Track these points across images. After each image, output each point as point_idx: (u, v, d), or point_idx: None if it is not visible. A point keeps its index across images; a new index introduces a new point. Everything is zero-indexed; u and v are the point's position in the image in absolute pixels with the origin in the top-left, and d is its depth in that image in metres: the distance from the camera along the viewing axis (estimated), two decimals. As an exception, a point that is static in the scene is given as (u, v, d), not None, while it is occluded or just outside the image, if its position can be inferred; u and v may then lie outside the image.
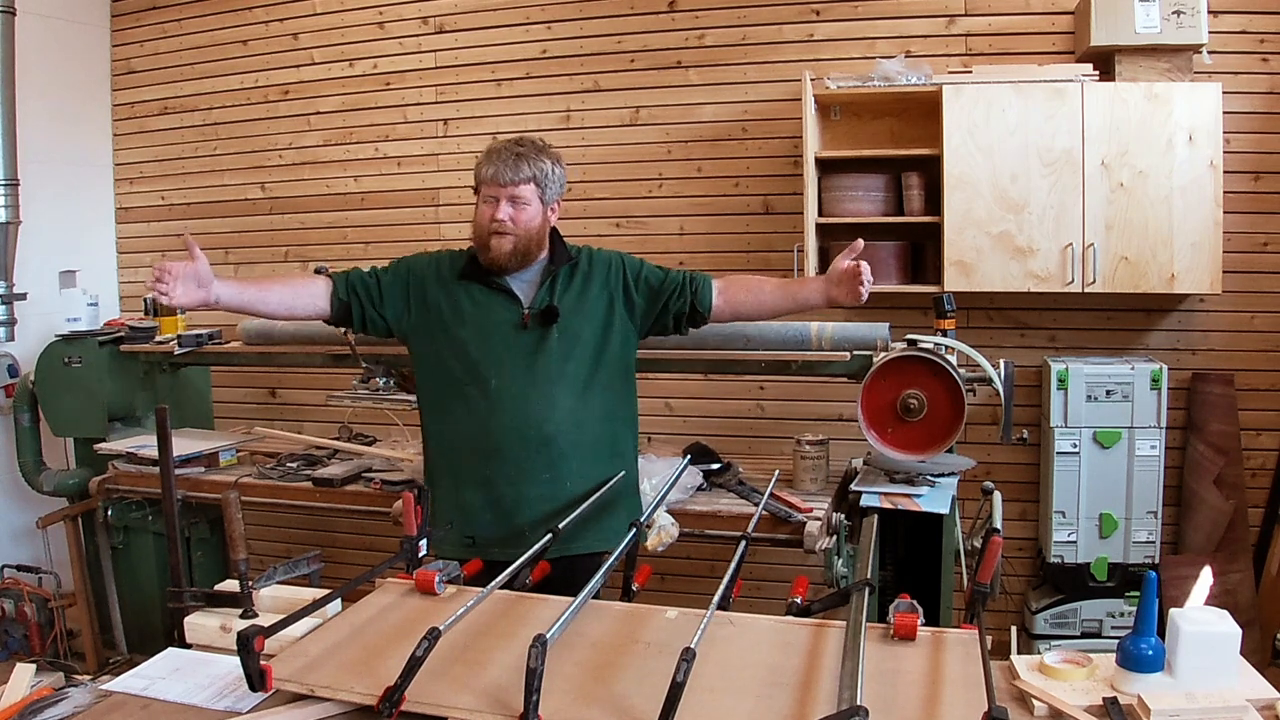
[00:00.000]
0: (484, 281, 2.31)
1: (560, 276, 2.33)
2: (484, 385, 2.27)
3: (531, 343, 2.28)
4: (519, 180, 2.23)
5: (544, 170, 2.27)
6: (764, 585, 3.33)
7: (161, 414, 2.14)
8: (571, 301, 2.32)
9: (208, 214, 4.53)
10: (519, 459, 2.26)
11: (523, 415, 2.26)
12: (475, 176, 2.30)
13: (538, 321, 2.28)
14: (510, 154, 2.24)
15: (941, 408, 2.45)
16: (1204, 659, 1.33)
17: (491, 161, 2.25)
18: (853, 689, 1.26)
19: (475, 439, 2.28)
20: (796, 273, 3.50)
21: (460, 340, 2.29)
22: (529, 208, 2.26)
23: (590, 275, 2.36)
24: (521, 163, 2.24)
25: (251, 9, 4.35)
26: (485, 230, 2.25)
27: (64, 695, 1.46)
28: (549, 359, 2.28)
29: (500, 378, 2.26)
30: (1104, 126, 3.14)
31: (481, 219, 2.27)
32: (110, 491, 3.41)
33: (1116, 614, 3.25)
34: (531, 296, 2.31)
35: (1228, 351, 3.44)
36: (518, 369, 2.27)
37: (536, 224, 2.28)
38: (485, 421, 2.27)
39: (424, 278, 2.36)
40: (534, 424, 2.26)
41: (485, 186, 2.26)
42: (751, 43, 3.76)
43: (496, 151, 2.26)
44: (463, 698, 1.34)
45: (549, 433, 2.26)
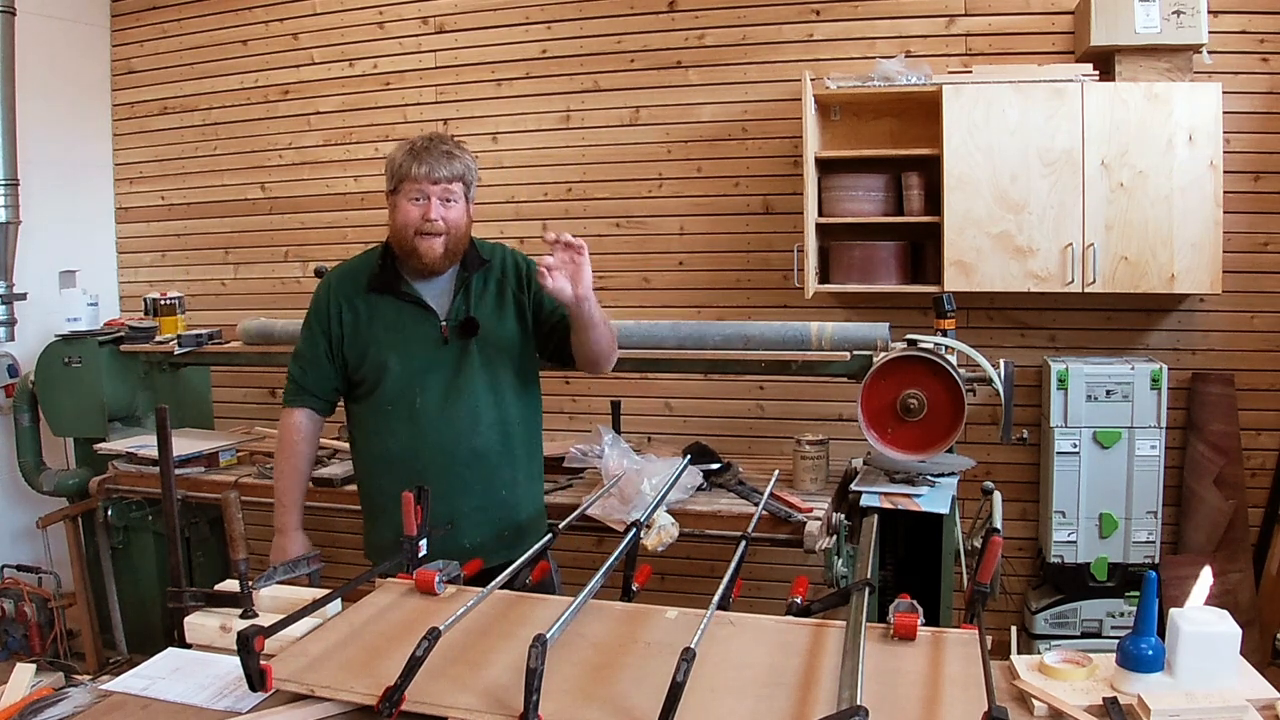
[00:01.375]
0: (394, 293, 2.23)
1: (474, 283, 2.25)
2: (409, 406, 2.22)
3: (452, 358, 2.22)
4: (452, 177, 2.16)
5: (469, 168, 2.21)
6: (764, 585, 3.33)
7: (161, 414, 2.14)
8: (488, 309, 2.25)
9: (208, 214, 4.53)
10: (450, 476, 2.21)
11: (450, 433, 2.22)
12: (394, 174, 2.17)
13: (457, 335, 2.22)
14: (439, 151, 2.16)
15: (941, 408, 2.45)
16: (1204, 659, 1.33)
17: (419, 159, 2.14)
18: (853, 689, 1.25)
19: (404, 460, 2.23)
20: (796, 273, 3.51)
21: (380, 362, 2.23)
22: (457, 205, 2.18)
23: (504, 279, 2.29)
24: (453, 160, 2.17)
25: (251, 9, 4.36)
26: (412, 231, 2.15)
27: (64, 695, 1.46)
28: (471, 373, 2.22)
29: (424, 396, 2.21)
30: (1104, 126, 3.14)
31: (407, 219, 2.15)
32: (110, 491, 3.41)
33: (1116, 614, 3.25)
34: (446, 307, 2.23)
35: (1228, 351, 3.44)
36: (440, 386, 2.21)
37: (465, 223, 2.21)
38: (413, 442, 2.23)
39: (331, 316, 2.27)
40: (462, 440, 2.22)
41: (411, 184, 2.14)
42: (751, 43, 3.76)
43: (423, 149, 2.15)
44: (463, 698, 1.34)
45: (477, 447, 2.23)
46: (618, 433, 2.92)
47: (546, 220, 4.01)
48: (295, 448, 2.36)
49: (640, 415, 3.87)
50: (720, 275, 3.86)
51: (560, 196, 4.02)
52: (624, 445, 2.80)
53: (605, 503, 2.54)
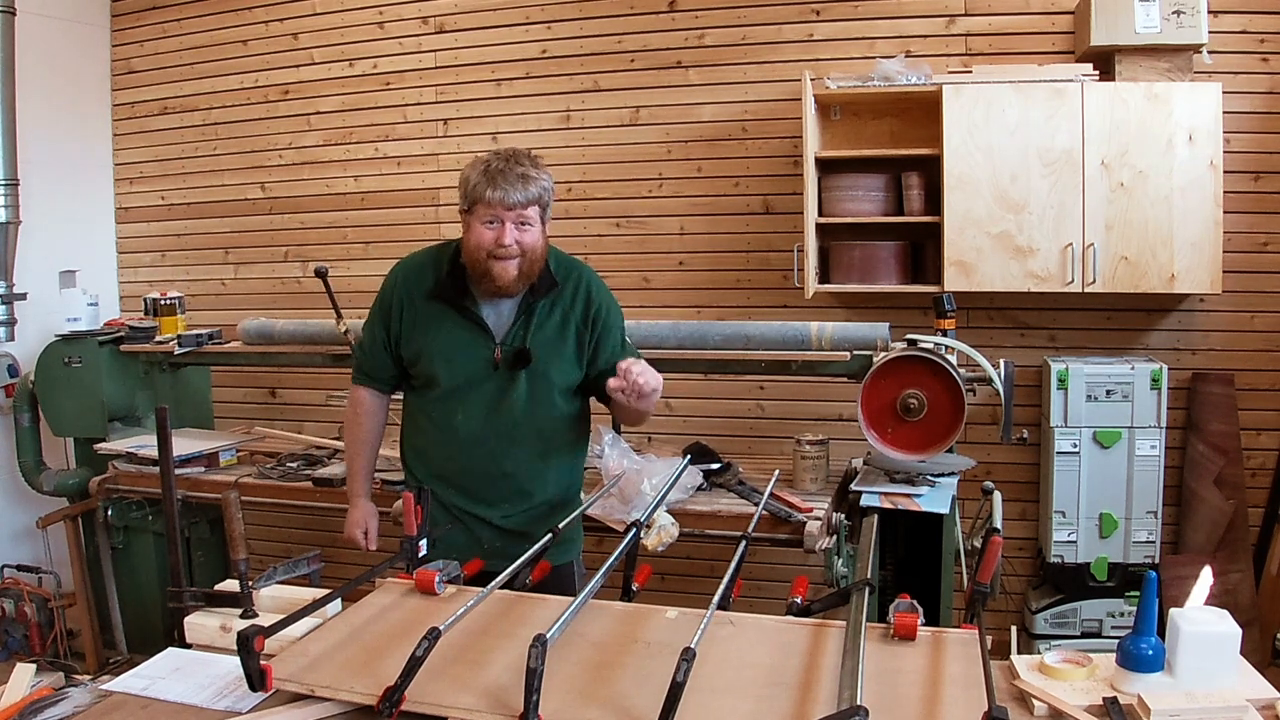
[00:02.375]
0: (457, 306, 2.20)
1: (538, 310, 2.20)
2: (451, 417, 2.23)
3: (499, 384, 2.20)
4: (527, 202, 2.09)
5: (546, 189, 2.15)
6: (764, 585, 3.33)
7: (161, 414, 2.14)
8: (546, 338, 2.21)
9: (208, 214, 4.53)
10: (480, 490, 2.24)
11: (484, 454, 2.23)
12: (468, 195, 2.12)
13: (508, 364, 2.19)
14: (515, 175, 2.08)
15: (941, 408, 2.45)
16: (1204, 659, 1.33)
17: (495, 183, 2.07)
18: (853, 689, 1.25)
19: (440, 464, 2.27)
20: (796, 273, 3.51)
21: (429, 372, 2.23)
22: (533, 229, 2.12)
23: (570, 311, 2.23)
24: (529, 184, 2.09)
25: (251, 9, 4.36)
26: (485, 254, 2.11)
27: (64, 695, 1.46)
28: (515, 405, 2.21)
29: (465, 414, 2.22)
30: (1104, 126, 3.14)
31: (480, 241, 2.10)
32: (110, 491, 3.42)
33: (1116, 614, 3.24)
34: (505, 331, 2.20)
35: (1228, 351, 3.44)
36: (484, 406, 2.21)
37: (541, 246, 2.16)
38: (449, 450, 2.25)
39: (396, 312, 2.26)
40: (495, 462, 2.23)
41: (485, 208, 2.09)
42: (751, 43, 3.76)
43: (500, 172, 2.08)
44: (463, 698, 1.34)
45: (508, 470, 2.24)
46: (618, 433, 2.92)
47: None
48: (357, 420, 2.39)
49: (640, 415, 3.87)
50: (720, 275, 3.86)
51: (560, 196, 3.98)
52: (624, 445, 2.79)
53: (605, 503, 2.54)
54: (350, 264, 4.26)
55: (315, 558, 2.06)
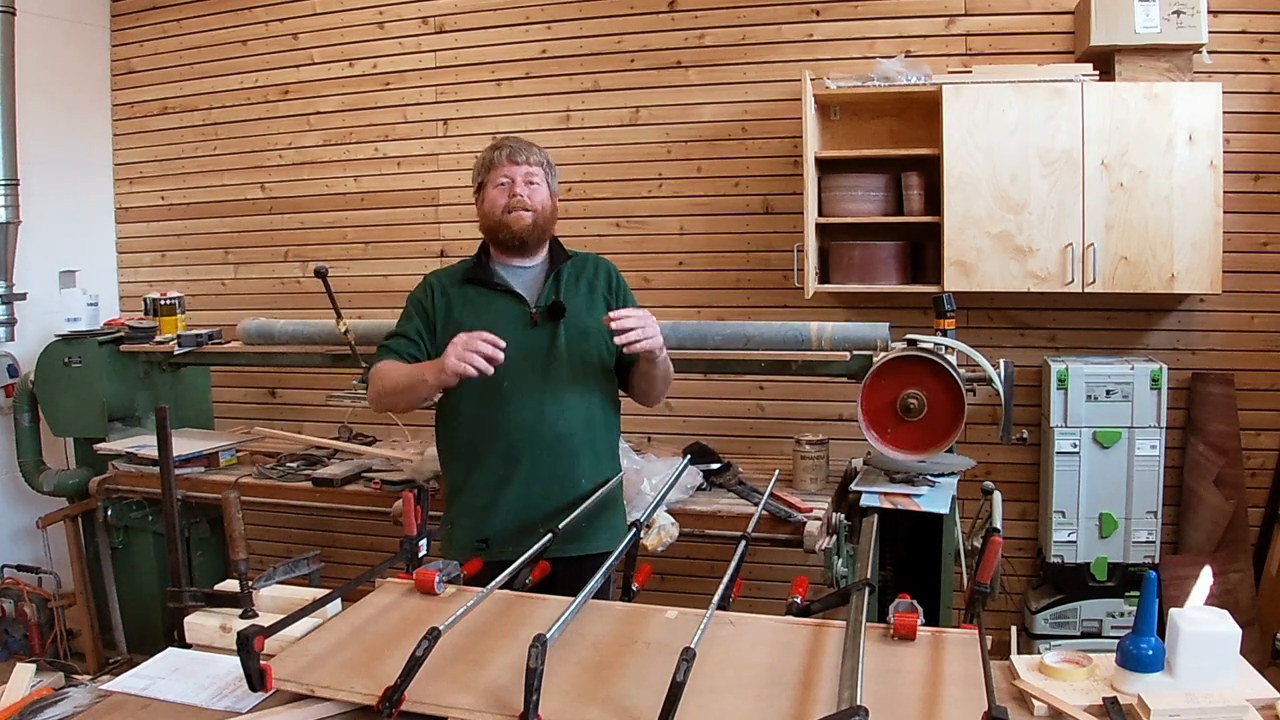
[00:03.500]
0: (487, 284, 2.31)
1: (564, 274, 2.34)
2: (496, 386, 2.23)
3: (541, 340, 2.27)
4: (532, 160, 2.30)
5: (550, 162, 2.37)
6: (764, 585, 3.33)
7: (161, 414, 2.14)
8: (578, 299, 2.32)
9: (208, 214, 4.53)
10: (534, 458, 2.25)
11: (535, 415, 2.25)
12: (481, 169, 2.33)
13: (546, 318, 2.28)
14: (521, 142, 2.33)
15: (941, 408, 2.45)
16: (1204, 659, 1.33)
17: (500, 147, 2.30)
18: (853, 689, 1.26)
19: (490, 441, 2.27)
20: (796, 273, 3.51)
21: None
22: (541, 188, 2.31)
23: (596, 278, 2.38)
24: (532, 147, 2.33)
25: (251, 9, 4.36)
26: (501, 210, 2.28)
27: (64, 695, 1.46)
28: (559, 356, 2.27)
29: (512, 378, 2.23)
30: (1104, 126, 3.14)
31: (494, 202, 2.29)
32: (110, 491, 3.42)
33: (1116, 614, 3.24)
34: (536, 295, 2.31)
35: (1228, 351, 3.44)
36: (528, 368, 2.25)
37: (550, 205, 2.34)
38: (499, 423, 2.25)
39: (424, 300, 2.36)
40: (547, 423, 2.25)
41: (496, 170, 2.29)
42: (751, 43, 3.76)
43: (504, 141, 2.33)
44: (463, 698, 1.34)
45: (561, 431, 2.26)
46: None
47: (546, 220, 4.01)
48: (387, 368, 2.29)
49: (640, 415, 3.85)
50: (720, 275, 3.85)
51: (560, 196, 3.98)
52: (624, 445, 2.79)
53: (605, 503, 2.53)
54: (350, 264, 4.26)
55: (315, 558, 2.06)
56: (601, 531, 2.27)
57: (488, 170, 2.31)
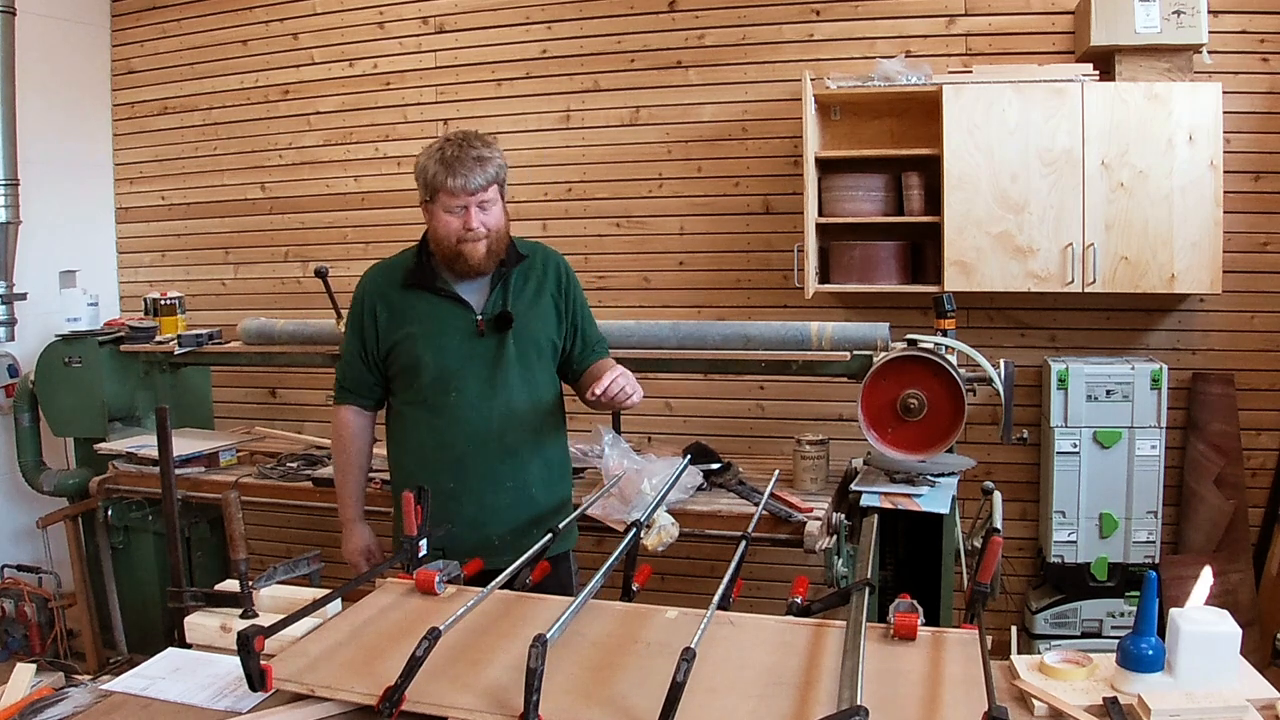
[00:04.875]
0: (431, 289, 2.25)
1: (513, 278, 2.28)
2: (444, 398, 2.23)
3: (488, 351, 2.24)
4: (487, 184, 2.16)
5: (501, 167, 2.21)
6: (764, 585, 3.33)
7: (161, 414, 2.14)
8: (525, 304, 2.28)
9: (208, 214, 4.53)
10: (483, 470, 2.24)
11: (484, 426, 2.23)
12: (428, 185, 2.17)
13: (492, 329, 2.24)
14: (471, 160, 2.13)
15: (941, 408, 2.45)
16: (1204, 659, 1.33)
17: (453, 170, 2.12)
18: (853, 689, 1.26)
19: (438, 452, 2.25)
20: (796, 273, 3.51)
21: (415, 357, 2.24)
22: (495, 207, 2.20)
23: (544, 277, 2.32)
24: (486, 165, 2.15)
25: (251, 9, 4.36)
26: (455, 240, 2.17)
27: (64, 695, 1.46)
28: (506, 367, 2.24)
29: (459, 390, 2.23)
30: (1104, 126, 3.14)
31: (448, 229, 2.17)
32: (110, 491, 3.41)
33: (1116, 614, 3.25)
34: (483, 301, 2.26)
35: (1228, 351, 3.44)
36: (476, 380, 2.23)
37: (504, 223, 2.24)
38: (446, 435, 2.24)
39: (370, 317, 2.29)
40: (495, 435, 2.24)
41: (448, 196, 2.15)
42: (751, 43, 3.76)
43: (456, 160, 2.13)
44: (463, 698, 1.34)
45: (510, 443, 2.25)
46: (618, 433, 2.92)
47: (546, 220, 4.01)
48: (342, 444, 2.40)
49: (640, 415, 3.87)
50: (720, 275, 3.86)
51: (560, 196, 4.02)
52: (624, 445, 2.79)
53: (605, 503, 2.53)
54: (350, 264, 4.25)
55: (315, 558, 2.06)
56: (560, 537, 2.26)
57: (437, 191, 2.16)
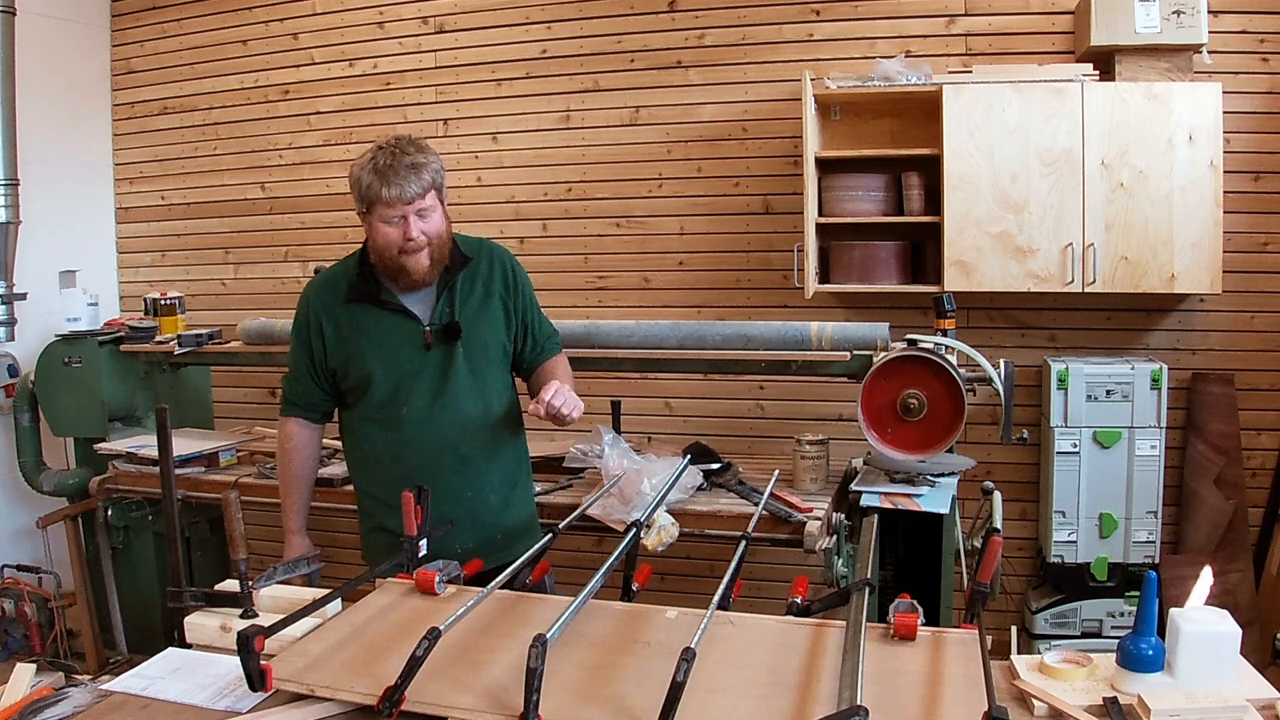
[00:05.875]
0: (376, 302, 2.20)
1: (459, 284, 2.23)
2: (396, 412, 2.21)
3: (437, 362, 2.20)
4: (423, 191, 2.09)
5: (438, 171, 2.14)
6: (764, 585, 3.33)
7: (161, 414, 2.13)
8: (473, 311, 2.23)
9: (208, 214, 4.53)
10: (439, 483, 2.17)
11: (437, 439, 2.21)
12: (363, 197, 2.10)
13: (440, 340, 2.20)
14: (405, 167, 2.06)
15: (941, 408, 2.45)
16: (1204, 659, 1.33)
17: (387, 180, 2.05)
18: (853, 689, 1.26)
19: (393, 467, 2.23)
20: (796, 273, 3.51)
21: (365, 372, 2.21)
22: (435, 214, 2.13)
23: (491, 278, 2.27)
24: (422, 172, 2.08)
25: (251, 9, 4.36)
26: (395, 250, 2.11)
27: (64, 695, 1.46)
28: (456, 377, 2.21)
29: (410, 404, 2.21)
30: (1104, 126, 3.14)
31: (388, 241, 2.10)
32: (110, 491, 3.41)
33: (1116, 614, 3.25)
34: (429, 312, 2.21)
35: (1228, 351, 3.44)
36: (426, 392, 2.20)
37: (446, 229, 2.17)
38: (400, 449, 2.22)
39: (316, 332, 2.25)
40: (449, 446, 2.22)
41: (384, 207, 2.07)
42: (751, 43, 3.76)
43: (390, 168, 2.06)
44: (463, 698, 1.34)
45: (465, 454, 2.23)
46: (618, 433, 2.92)
47: (546, 220, 4.01)
48: (286, 456, 2.38)
49: (640, 415, 3.87)
50: (720, 275, 3.86)
51: (560, 196, 4.02)
52: (624, 445, 2.79)
53: (605, 503, 2.54)
54: (350, 264, 4.26)
55: (315, 558, 2.07)
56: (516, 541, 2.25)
57: (374, 203, 2.08)
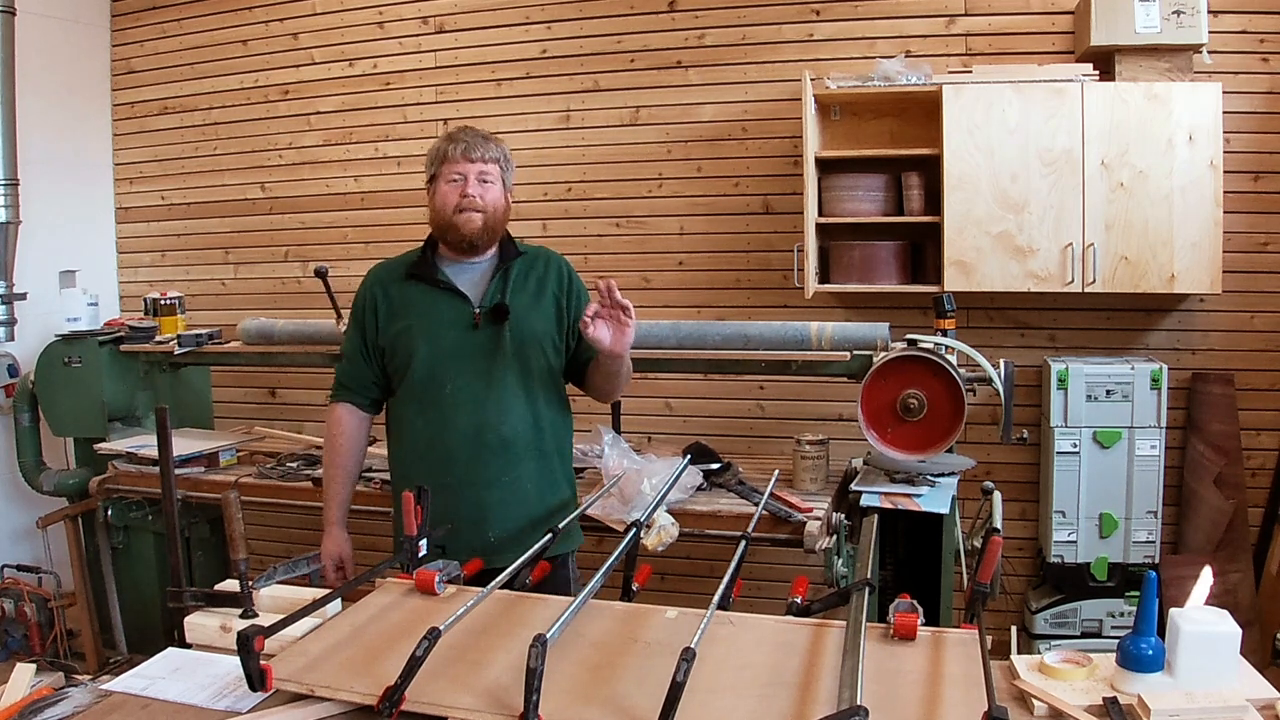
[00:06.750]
0: (430, 281, 2.27)
1: (512, 272, 2.29)
2: (439, 391, 2.23)
3: (484, 343, 2.23)
4: (488, 158, 2.23)
5: (506, 156, 2.29)
6: (764, 585, 3.33)
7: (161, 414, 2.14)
8: (526, 300, 2.28)
9: (208, 214, 4.53)
10: (477, 464, 2.22)
11: (479, 419, 2.22)
12: (434, 160, 2.25)
13: (488, 320, 2.23)
14: (477, 134, 2.24)
15: (941, 408, 2.45)
16: (1204, 659, 1.33)
17: (455, 140, 2.22)
18: (853, 689, 1.26)
19: (433, 447, 2.24)
20: (796, 273, 3.51)
21: (410, 347, 2.25)
22: (494, 186, 2.24)
23: (546, 276, 2.32)
24: (489, 142, 2.25)
25: (251, 9, 4.36)
26: (451, 209, 2.22)
27: (64, 695, 1.46)
28: (502, 360, 2.23)
29: (454, 382, 2.22)
30: (1104, 126, 3.14)
31: (445, 200, 2.22)
32: (110, 491, 3.41)
33: (1116, 614, 3.25)
34: (481, 294, 2.26)
35: (1228, 351, 3.44)
36: (471, 372, 2.22)
37: (502, 205, 2.26)
38: (441, 428, 2.23)
39: (370, 309, 2.31)
40: (490, 427, 2.22)
41: (450, 165, 2.21)
42: (751, 43, 3.76)
43: (459, 132, 2.24)
44: (463, 698, 1.34)
45: (506, 436, 2.23)
46: (618, 432, 2.92)
47: (546, 220, 4.01)
48: (334, 443, 2.37)
49: (640, 415, 3.87)
50: (720, 275, 3.86)
51: (560, 196, 4.02)
52: (624, 445, 2.80)
53: (605, 503, 2.54)
54: (350, 264, 4.25)
55: (315, 558, 2.07)
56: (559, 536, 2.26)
57: (440, 163, 2.24)
